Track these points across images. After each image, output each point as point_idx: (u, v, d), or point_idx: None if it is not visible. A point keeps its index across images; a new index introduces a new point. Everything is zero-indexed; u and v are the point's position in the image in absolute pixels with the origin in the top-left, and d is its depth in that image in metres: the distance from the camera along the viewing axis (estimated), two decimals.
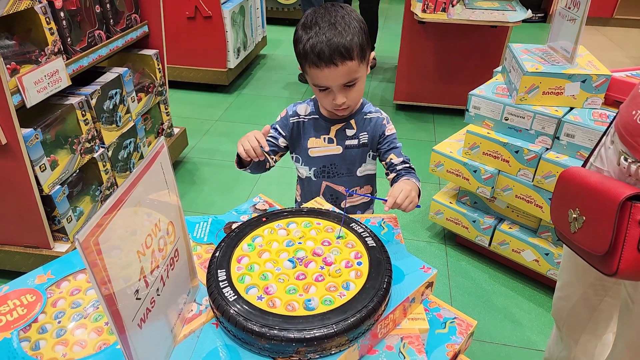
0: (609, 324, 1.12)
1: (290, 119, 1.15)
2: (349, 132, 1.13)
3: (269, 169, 1.16)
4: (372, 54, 1.07)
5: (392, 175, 1.12)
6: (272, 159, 1.16)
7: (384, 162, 1.15)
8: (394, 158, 1.12)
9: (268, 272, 0.76)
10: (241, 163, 1.08)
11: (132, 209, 0.55)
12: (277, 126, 1.16)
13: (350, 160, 1.15)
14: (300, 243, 0.82)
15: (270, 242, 0.83)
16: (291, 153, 1.20)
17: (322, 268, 0.76)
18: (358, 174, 1.17)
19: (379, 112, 1.16)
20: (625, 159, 0.82)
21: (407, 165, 1.11)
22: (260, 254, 0.80)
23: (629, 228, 0.75)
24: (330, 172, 1.17)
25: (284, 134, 1.16)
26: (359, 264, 0.77)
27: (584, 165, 0.99)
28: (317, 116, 1.14)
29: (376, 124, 1.14)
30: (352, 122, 1.13)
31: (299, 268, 0.77)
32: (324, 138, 1.14)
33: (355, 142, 1.14)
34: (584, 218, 0.84)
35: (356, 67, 0.99)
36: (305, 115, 1.15)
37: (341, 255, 0.79)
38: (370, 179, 1.21)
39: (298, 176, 1.23)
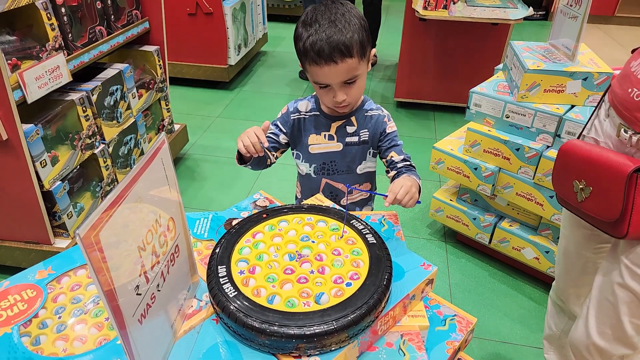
0: None
1: (291, 115, 1.15)
2: (350, 129, 1.13)
3: (270, 166, 1.16)
4: (373, 51, 1.07)
5: (392, 172, 1.11)
6: (273, 155, 1.16)
7: (384, 160, 1.15)
8: (394, 156, 1.12)
9: (265, 254, 0.78)
10: (242, 159, 1.08)
11: (133, 205, 0.55)
12: (278, 123, 1.16)
13: (350, 158, 1.15)
14: (314, 242, 0.82)
15: (287, 231, 0.84)
16: (292, 149, 1.20)
17: (311, 272, 0.75)
18: (358, 171, 1.17)
19: (380, 109, 1.16)
20: (626, 131, 0.90)
21: (408, 163, 1.11)
22: (273, 237, 0.82)
23: (636, 196, 0.85)
24: (330, 169, 1.17)
25: (285, 131, 1.16)
26: (348, 284, 0.73)
27: (578, 138, 1.06)
28: (317, 113, 1.14)
29: (377, 121, 1.14)
30: (353, 119, 1.13)
31: (293, 263, 0.77)
32: (325, 135, 1.14)
33: (355, 139, 1.14)
34: (591, 189, 0.93)
35: (356, 65, 0.99)
36: (306, 112, 1.15)
37: (341, 269, 0.76)
38: (370, 177, 1.21)
39: (298, 173, 1.23)
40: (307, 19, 0.99)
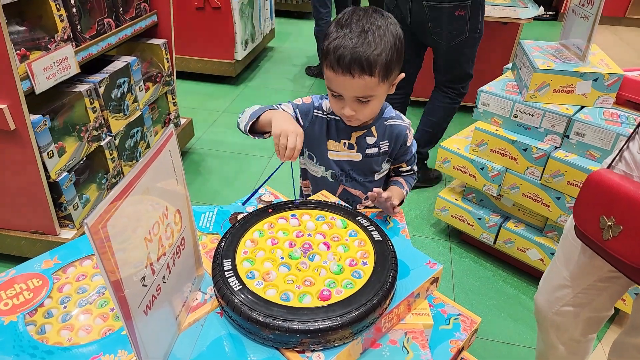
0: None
1: (315, 110, 1.09)
2: (370, 140, 1.08)
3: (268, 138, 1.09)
4: (401, 75, 0.99)
5: (392, 176, 1.16)
6: None
7: (392, 166, 1.16)
8: (403, 166, 1.14)
9: (270, 249, 0.78)
10: (252, 129, 1.05)
11: (140, 196, 0.55)
12: (298, 111, 1.08)
13: (369, 168, 1.11)
14: (319, 237, 0.81)
15: (293, 226, 0.84)
16: (304, 148, 1.12)
17: (317, 268, 0.75)
18: (375, 177, 1.15)
19: (401, 118, 1.10)
20: None
21: (412, 172, 1.16)
22: (278, 231, 0.82)
23: None
24: (348, 176, 1.13)
25: (302, 123, 1.08)
26: (353, 282, 0.72)
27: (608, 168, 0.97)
28: (338, 118, 1.08)
29: (399, 133, 1.09)
30: (373, 129, 1.08)
31: (298, 258, 0.77)
32: (345, 143, 1.09)
33: (375, 150, 1.09)
34: (621, 228, 0.84)
35: (374, 85, 0.92)
36: (328, 114, 1.09)
37: (346, 266, 0.76)
38: (385, 178, 1.20)
39: (308, 172, 1.19)
40: (342, 19, 0.92)
